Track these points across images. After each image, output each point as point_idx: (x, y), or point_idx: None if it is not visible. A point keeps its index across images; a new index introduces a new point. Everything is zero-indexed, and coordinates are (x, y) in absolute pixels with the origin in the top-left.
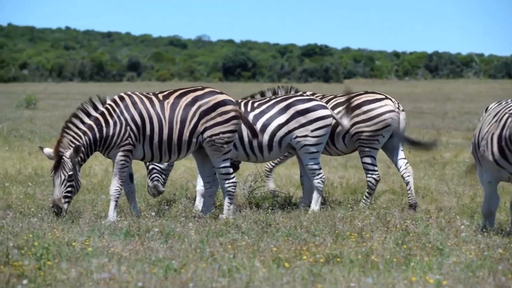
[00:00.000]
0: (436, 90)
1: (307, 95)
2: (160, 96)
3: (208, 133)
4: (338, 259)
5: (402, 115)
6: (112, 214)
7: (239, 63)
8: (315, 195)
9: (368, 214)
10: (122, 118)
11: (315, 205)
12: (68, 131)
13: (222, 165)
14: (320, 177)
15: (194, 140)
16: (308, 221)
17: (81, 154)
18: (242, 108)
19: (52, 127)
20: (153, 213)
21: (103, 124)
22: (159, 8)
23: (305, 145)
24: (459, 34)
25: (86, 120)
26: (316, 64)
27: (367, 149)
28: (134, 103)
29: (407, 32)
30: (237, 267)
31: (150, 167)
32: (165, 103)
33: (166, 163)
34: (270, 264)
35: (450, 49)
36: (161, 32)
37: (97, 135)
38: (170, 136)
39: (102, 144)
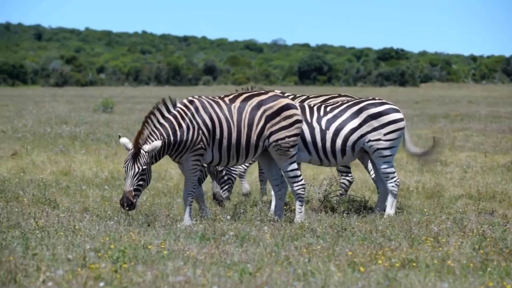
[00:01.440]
0: None
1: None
2: (227, 99)
3: (274, 137)
4: (414, 264)
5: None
6: (187, 218)
7: (315, 66)
8: (390, 199)
9: (444, 218)
10: (194, 122)
11: (390, 209)
12: (148, 125)
13: (290, 169)
14: (395, 181)
15: (260, 144)
16: (383, 226)
17: (157, 152)
18: (315, 113)
19: (129, 130)
20: (228, 217)
21: (177, 127)
22: (235, 12)
23: (378, 148)
24: None
25: (161, 120)
26: (392, 68)
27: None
28: (204, 107)
29: (485, 36)
30: (312, 271)
31: (226, 177)
32: (232, 106)
33: (240, 170)
34: (345, 268)
35: None
36: (237, 36)
37: (171, 137)
38: (239, 140)
39: (174, 147)
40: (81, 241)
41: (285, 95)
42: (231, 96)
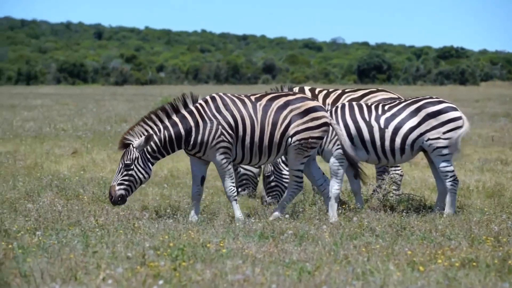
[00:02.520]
0: None
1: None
2: (253, 98)
3: (297, 136)
4: (474, 264)
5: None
6: (238, 213)
7: (374, 65)
8: (449, 197)
9: (505, 218)
10: (213, 119)
11: (449, 208)
12: (146, 121)
13: (298, 168)
14: (454, 179)
15: (284, 143)
16: (443, 225)
17: (157, 147)
18: (373, 111)
19: None
20: (287, 215)
21: (192, 124)
22: (294, 10)
23: (437, 147)
24: None
25: (173, 115)
26: (452, 66)
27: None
28: (226, 104)
29: None
30: (371, 270)
31: (273, 183)
32: (258, 104)
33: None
34: (405, 268)
35: None
36: (296, 34)
37: (182, 132)
38: (262, 138)
39: (190, 143)
40: (141, 239)
41: (317, 89)
42: (258, 95)
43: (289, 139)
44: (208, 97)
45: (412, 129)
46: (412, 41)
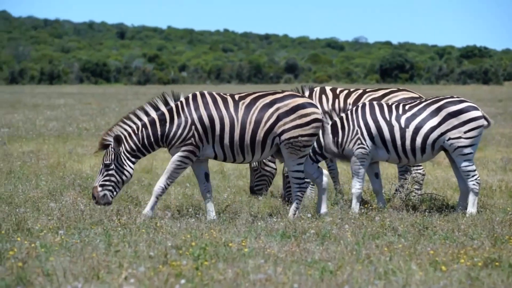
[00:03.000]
0: None
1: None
2: (237, 96)
3: (286, 135)
4: (497, 263)
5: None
6: (148, 209)
7: (397, 64)
8: (471, 197)
9: None
10: (189, 118)
11: (471, 208)
12: (125, 121)
13: (296, 169)
14: (475, 179)
15: (269, 141)
16: (466, 224)
17: (136, 146)
18: (394, 111)
19: None
20: (309, 215)
21: (168, 121)
22: (317, 10)
23: (459, 147)
24: None
25: (152, 113)
26: (475, 66)
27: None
28: (206, 103)
29: None
30: (393, 270)
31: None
32: (240, 103)
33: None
34: (427, 267)
35: None
36: (318, 34)
37: (159, 130)
38: (242, 137)
39: (164, 140)
40: (163, 238)
41: (338, 89)
42: (243, 94)
43: (277, 138)
44: (190, 95)
45: (433, 128)
46: (435, 41)
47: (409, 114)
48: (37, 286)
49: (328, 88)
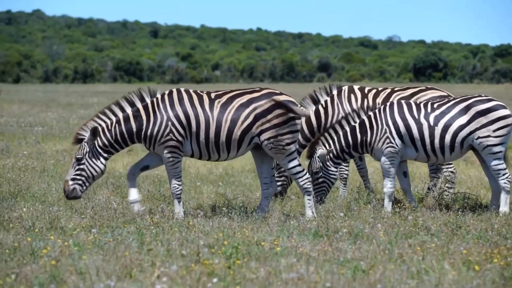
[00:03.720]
0: None
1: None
2: (213, 95)
3: (265, 135)
4: None
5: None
6: (178, 210)
7: (430, 63)
8: (503, 196)
9: None
10: (164, 114)
11: (503, 206)
12: (100, 116)
13: (291, 165)
14: (506, 177)
15: (246, 140)
16: (499, 224)
17: (108, 142)
18: (422, 109)
19: None
20: (342, 214)
21: (142, 117)
22: (350, 8)
23: (488, 145)
24: None
25: (127, 109)
26: (509, 64)
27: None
28: (181, 100)
29: None
30: (426, 269)
31: (321, 179)
32: (216, 101)
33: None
34: (460, 267)
35: None
36: (351, 32)
37: (133, 126)
38: (218, 135)
39: (139, 137)
40: (195, 237)
41: (366, 88)
42: (220, 92)
43: (256, 138)
44: (166, 92)
45: (462, 127)
46: (469, 39)
47: (437, 112)
48: (70, 284)
49: (356, 88)
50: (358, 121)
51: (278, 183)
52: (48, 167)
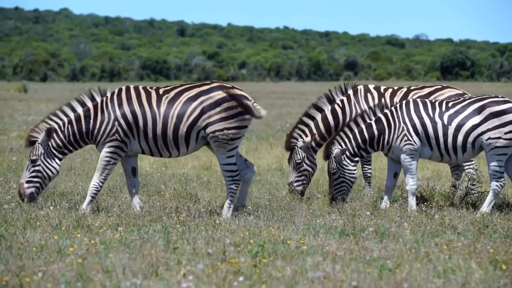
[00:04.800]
0: None
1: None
2: (161, 90)
3: (211, 128)
4: None
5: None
6: (85, 207)
7: (457, 62)
8: (490, 197)
9: None
10: (112, 114)
11: (486, 207)
12: (51, 117)
13: (225, 162)
14: (501, 181)
15: (194, 135)
16: None
17: (62, 143)
18: (437, 108)
19: (269, 126)
20: (368, 213)
21: (92, 117)
22: (377, 7)
23: (496, 147)
24: None
25: (78, 109)
26: None
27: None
28: (129, 98)
29: None
30: (453, 268)
31: (340, 179)
32: (164, 97)
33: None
34: (487, 266)
35: None
36: (378, 31)
37: (84, 126)
38: (165, 131)
39: (89, 136)
40: (221, 236)
41: (382, 88)
42: (169, 87)
43: (202, 131)
44: (115, 90)
45: (474, 127)
46: (496, 37)
47: (451, 111)
48: (97, 282)
49: (371, 87)
50: (374, 118)
51: (298, 183)
52: (75, 165)
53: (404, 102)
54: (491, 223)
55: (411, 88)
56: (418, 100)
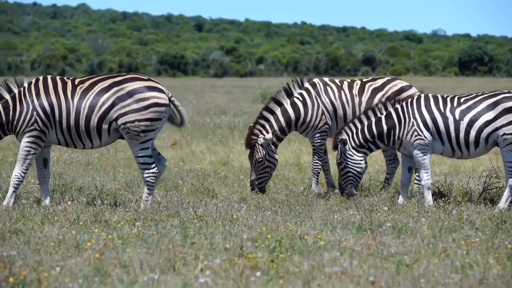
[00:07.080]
0: None
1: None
2: (77, 81)
3: (122, 120)
4: None
5: None
6: (8, 199)
7: (475, 57)
8: (507, 193)
9: None
10: (30, 104)
11: (504, 203)
12: None
13: (140, 154)
14: None
15: (106, 127)
16: None
17: None
18: (448, 103)
19: None
20: (386, 208)
21: (11, 108)
22: (395, 2)
23: (511, 143)
24: None
25: None
26: None
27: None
28: (46, 88)
29: None
30: (470, 264)
31: (346, 169)
32: (78, 88)
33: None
34: (505, 262)
35: None
36: (396, 26)
37: (3, 118)
38: (77, 122)
39: (10, 128)
40: (239, 231)
41: (337, 80)
42: (85, 78)
43: (114, 123)
44: (32, 81)
45: (488, 122)
46: None
47: (463, 106)
48: (114, 277)
49: (327, 80)
50: (384, 113)
51: (261, 180)
52: (92, 161)
53: (415, 97)
54: (509, 218)
55: (364, 80)
56: (430, 95)
